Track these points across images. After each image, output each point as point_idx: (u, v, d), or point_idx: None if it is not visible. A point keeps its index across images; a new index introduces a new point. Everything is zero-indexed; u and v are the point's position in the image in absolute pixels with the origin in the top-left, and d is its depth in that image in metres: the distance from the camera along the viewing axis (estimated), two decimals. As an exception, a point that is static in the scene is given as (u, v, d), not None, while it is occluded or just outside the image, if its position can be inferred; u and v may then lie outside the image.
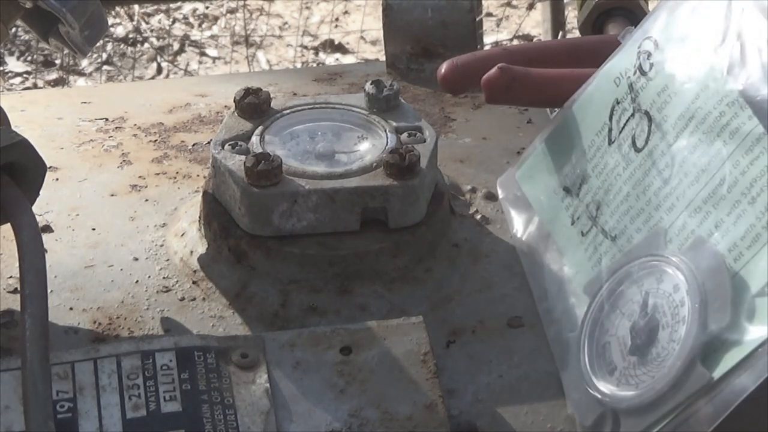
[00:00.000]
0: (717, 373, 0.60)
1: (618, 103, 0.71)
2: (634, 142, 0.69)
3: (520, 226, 0.77)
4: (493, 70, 0.76)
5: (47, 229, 0.82)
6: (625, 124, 0.70)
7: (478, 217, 0.83)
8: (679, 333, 0.62)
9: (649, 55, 0.70)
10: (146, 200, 0.85)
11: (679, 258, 0.64)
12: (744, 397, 0.59)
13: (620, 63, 0.72)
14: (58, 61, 2.92)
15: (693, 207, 0.65)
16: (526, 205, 0.77)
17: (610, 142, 0.71)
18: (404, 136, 0.80)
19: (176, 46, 3.06)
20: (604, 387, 0.65)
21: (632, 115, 0.70)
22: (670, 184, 0.67)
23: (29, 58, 2.95)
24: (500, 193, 0.80)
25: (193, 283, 0.77)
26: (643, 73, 0.70)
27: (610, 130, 0.71)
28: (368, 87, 0.83)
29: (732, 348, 0.60)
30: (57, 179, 0.87)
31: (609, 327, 0.67)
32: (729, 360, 0.60)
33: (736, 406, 0.59)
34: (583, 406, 0.66)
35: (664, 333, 0.63)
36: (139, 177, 0.88)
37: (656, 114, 0.68)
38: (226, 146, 0.78)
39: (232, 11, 3.18)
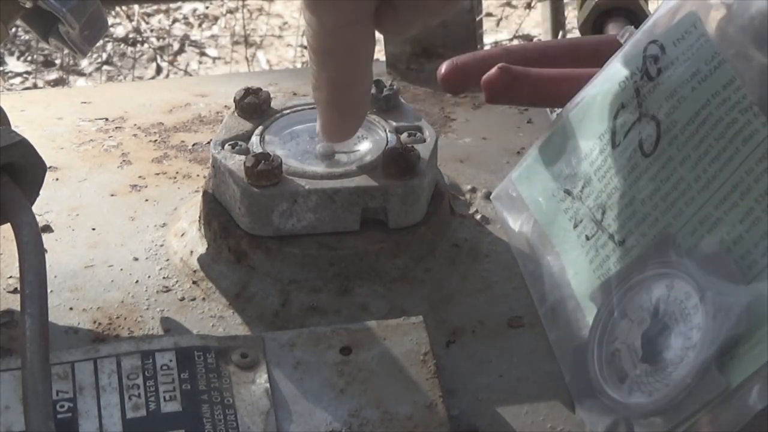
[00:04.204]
0: (734, 381, 0.60)
1: (623, 107, 0.71)
2: (641, 147, 0.69)
3: (515, 228, 0.77)
4: (493, 70, 0.76)
5: (47, 229, 0.82)
6: (630, 129, 0.70)
7: (478, 217, 0.83)
8: (693, 340, 0.62)
9: (656, 59, 0.69)
10: (146, 200, 0.85)
11: (691, 265, 0.64)
12: (764, 406, 0.58)
13: (625, 66, 0.71)
14: (58, 61, 2.92)
15: (703, 213, 0.65)
16: (521, 207, 0.77)
17: (614, 146, 0.71)
18: (404, 136, 0.80)
19: (176, 46, 3.06)
20: (615, 394, 0.65)
21: (638, 119, 0.70)
22: (678, 189, 0.67)
23: (29, 58, 2.95)
24: (493, 197, 0.80)
25: (193, 283, 0.77)
26: (650, 77, 0.69)
27: (614, 133, 0.71)
28: (368, 87, 0.83)
29: (749, 355, 0.60)
30: (57, 179, 0.87)
31: (619, 334, 0.66)
32: (747, 367, 0.60)
33: (755, 414, 0.59)
34: (594, 413, 0.66)
35: (677, 340, 0.63)
36: (139, 177, 0.88)
37: (664, 119, 0.68)
38: (226, 146, 0.78)
39: (232, 11, 3.18)
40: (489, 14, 3.09)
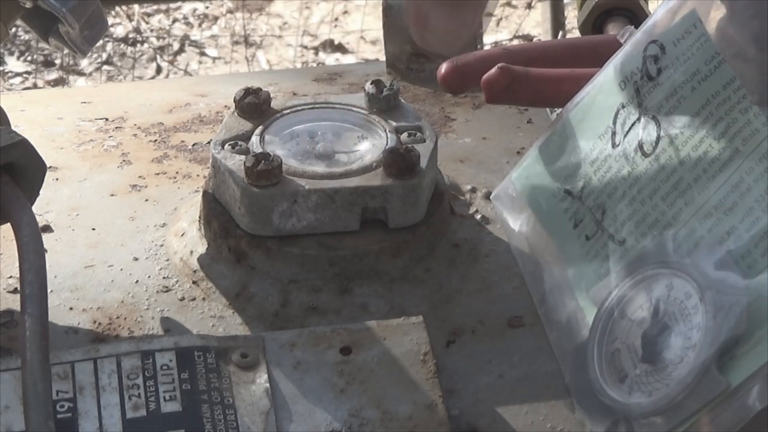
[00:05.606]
0: (734, 381, 0.60)
1: (623, 106, 0.71)
2: (641, 147, 0.69)
3: (515, 228, 0.77)
4: (493, 70, 0.76)
5: (47, 229, 0.82)
6: (630, 129, 0.70)
7: (478, 217, 0.83)
8: (693, 340, 0.62)
9: (656, 59, 0.69)
10: (146, 200, 0.85)
11: (691, 264, 0.64)
12: (763, 406, 0.58)
13: (625, 66, 0.71)
14: (58, 61, 2.92)
15: (703, 213, 0.65)
16: (521, 207, 0.77)
17: (614, 146, 0.71)
18: (404, 136, 0.80)
19: (176, 46, 3.06)
20: (616, 395, 0.65)
21: (638, 119, 0.70)
22: (678, 189, 0.67)
23: (29, 58, 2.95)
24: (493, 197, 0.80)
25: (193, 283, 0.77)
26: (650, 77, 0.69)
27: (614, 133, 0.71)
28: (368, 87, 0.83)
29: (749, 355, 0.60)
30: (57, 179, 0.87)
31: (618, 334, 0.66)
32: (747, 367, 0.60)
33: (756, 414, 0.59)
34: (594, 413, 0.66)
35: (677, 340, 0.63)
36: (139, 177, 0.88)
37: (664, 119, 0.68)
38: (226, 146, 0.78)
39: (232, 11, 3.18)
40: (489, 14, 3.09)
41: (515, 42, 2.95)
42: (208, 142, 0.89)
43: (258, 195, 0.75)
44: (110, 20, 2.91)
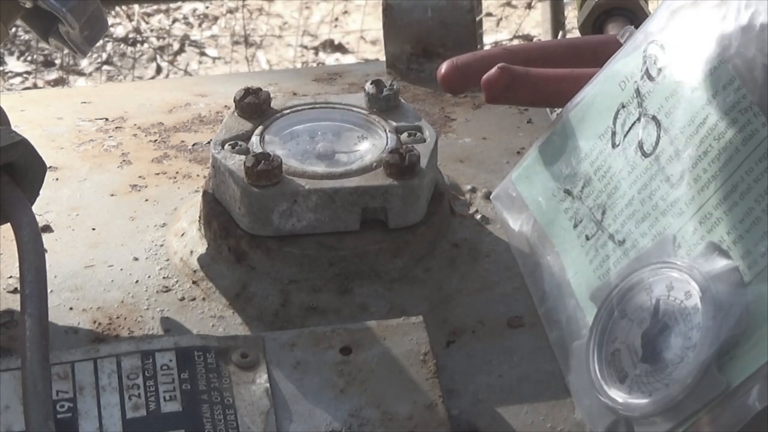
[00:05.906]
0: (734, 381, 0.60)
1: (623, 107, 0.71)
2: (641, 147, 0.69)
3: (515, 228, 0.77)
4: (493, 70, 0.76)
5: (47, 229, 0.82)
6: (630, 129, 0.70)
7: (478, 217, 0.83)
8: (693, 340, 0.62)
9: (656, 59, 0.69)
10: (146, 200, 0.85)
11: (691, 265, 0.64)
12: (763, 406, 0.58)
13: (625, 66, 0.71)
14: (58, 61, 2.92)
15: (703, 213, 0.65)
16: (521, 207, 0.77)
17: (614, 146, 0.71)
18: (404, 136, 0.80)
19: (176, 46, 3.06)
20: (616, 395, 0.65)
21: (638, 119, 0.70)
22: (678, 189, 0.67)
23: (29, 58, 2.95)
24: (493, 197, 0.80)
25: (193, 283, 0.77)
26: (650, 77, 0.69)
27: (614, 133, 0.71)
28: (368, 87, 0.83)
29: (749, 356, 0.60)
30: (57, 179, 0.87)
31: (619, 334, 0.66)
32: (747, 367, 0.59)
33: (756, 414, 0.59)
34: (594, 413, 0.66)
35: (677, 340, 0.63)
36: (139, 177, 0.88)
37: (664, 119, 0.68)
38: (226, 146, 0.78)
39: (232, 11, 3.18)
40: (489, 14, 3.09)
41: (515, 42, 2.95)
42: (208, 142, 0.89)
43: (258, 195, 0.75)
44: (110, 20, 2.91)
